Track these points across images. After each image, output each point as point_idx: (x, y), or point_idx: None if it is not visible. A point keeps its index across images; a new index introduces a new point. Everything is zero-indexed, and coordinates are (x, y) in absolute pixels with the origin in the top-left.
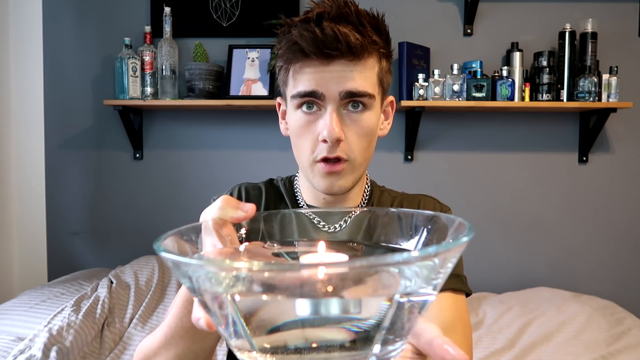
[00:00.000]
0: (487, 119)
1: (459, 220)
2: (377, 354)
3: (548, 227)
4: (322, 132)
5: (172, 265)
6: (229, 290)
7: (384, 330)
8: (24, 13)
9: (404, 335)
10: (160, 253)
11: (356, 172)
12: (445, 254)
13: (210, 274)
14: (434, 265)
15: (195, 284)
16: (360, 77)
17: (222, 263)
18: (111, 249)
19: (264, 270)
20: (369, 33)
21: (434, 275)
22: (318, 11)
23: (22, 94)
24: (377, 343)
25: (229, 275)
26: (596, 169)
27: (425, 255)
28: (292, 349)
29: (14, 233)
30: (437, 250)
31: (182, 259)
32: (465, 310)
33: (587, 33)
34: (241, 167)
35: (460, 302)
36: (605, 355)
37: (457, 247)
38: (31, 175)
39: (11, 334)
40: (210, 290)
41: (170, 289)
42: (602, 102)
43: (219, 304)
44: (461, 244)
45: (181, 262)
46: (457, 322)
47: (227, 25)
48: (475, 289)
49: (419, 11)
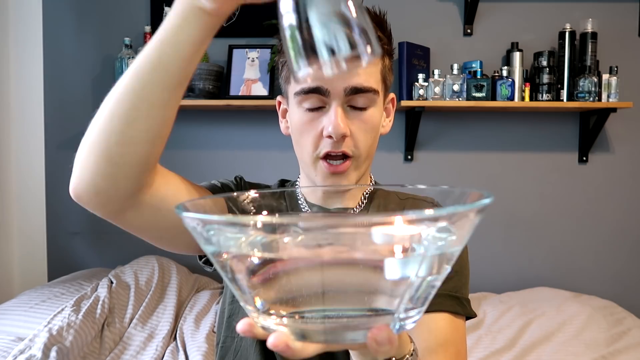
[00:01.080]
0: (487, 119)
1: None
2: (401, 317)
3: (548, 227)
4: (327, 127)
5: (195, 225)
6: (249, 252)
7: (408, 296)
8: (24, 13)
9: (420, 305)
10: (182, 214)
11: (360, 169)
12: (466, 214)
13: (231, 234)
14: (451, 229)
15: (217, 246)
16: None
17: (246, 219)
18: (111, 249)
19: (293, 222)
20: None
21: (451, 239)
22: None
23: (22, 94)
24: (401, 310)
25: (248, 238)
26: (596, 169)
27: (451, 213)
28: (315, 312)
29: (14, 233)
30: (461, 209)
31: (208, 217)
32: (460, 335)
33: (587, 33)
34: (241, 167)
35: (456, 325)
36: (605, 355)
37: (479, 208)
38: (31, 175)
39: (11, 334)
40: (232, 252)
41: (171, 289)
42: (602, 102)
43: (239, 267)
44: (484, 204)
45: (206, 220)
46: (447, 346)
47: (227, 25)
48: (475, 289)
49: (419, 11)
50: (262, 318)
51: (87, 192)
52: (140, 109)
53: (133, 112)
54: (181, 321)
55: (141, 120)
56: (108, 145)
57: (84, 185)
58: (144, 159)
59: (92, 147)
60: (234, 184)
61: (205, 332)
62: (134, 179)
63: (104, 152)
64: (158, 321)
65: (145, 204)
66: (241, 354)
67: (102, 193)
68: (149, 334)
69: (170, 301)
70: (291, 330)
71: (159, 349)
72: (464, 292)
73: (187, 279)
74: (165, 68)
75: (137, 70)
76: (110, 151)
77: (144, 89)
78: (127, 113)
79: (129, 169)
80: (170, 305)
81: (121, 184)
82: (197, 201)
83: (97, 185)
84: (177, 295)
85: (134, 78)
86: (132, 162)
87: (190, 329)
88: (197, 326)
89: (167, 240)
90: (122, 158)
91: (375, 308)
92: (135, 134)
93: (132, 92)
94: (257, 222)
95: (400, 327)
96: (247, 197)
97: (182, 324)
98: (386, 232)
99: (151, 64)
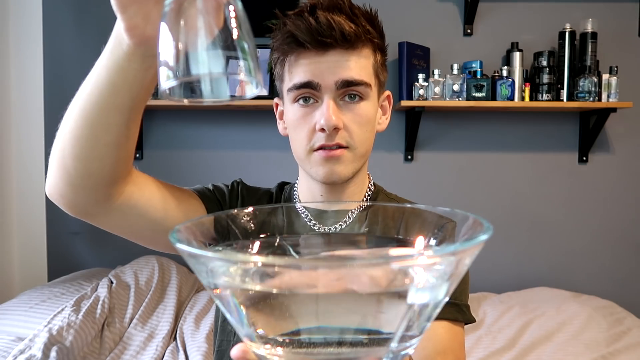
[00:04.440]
0: (487, 119)
1: (473, 217)
2: (393, 349)
3: (548, 227)
4: (319, 121)
5: (190, 258)
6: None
7: (401, 330)
8: (24, 13)
9: (418, 334)
10: (176, 244)
11: (356, 162)
12: (462, 253)
13: (223, 266)
14: (449, 263)
15: (210, 276)
16: (356, 66)
17: (235, 256)
18: (111, 249)
19: (275, 265)
20: (362, 23)
21: (449, 274)
22: (311, 3)
23: (22, 94)
24: (396, 340)
25: (240, 268)
26: (596, 169)
27: (444, 253)
28: (306, 343)
29: (14, 233)
30: (456, 249)
31: (199, 252)
32: (459, 342)
33: (587, 33)
34: (241, 167)
35: (455, 332)
36: (605, 355)
37: (475, 246)
38: (31, 175)
39: (11, 334)
40: (224, 282)
41: (170, 289)
42: (602, 102)
43: (233, 296)
44: (479, 242)
45: (198, 254)
46: (446, 354)
47: None
48: (475, 289)
49: (419, 11)
50: (256, 346)
51: (54, 194)
52: (84, 128)
53: (78, 130)
54: (181, 321)
55: (86, 139)
56: (63, 157)
57: (52, 187)
58: (98, 174)
59: (54, 154)
60: (228, 189)
61: (205, 332)
62: (94, 190)
63: (60, 163)
64: (158, 321)
65: (115, 210)
66: None
67: (66, 197)
68: (149, 334)
69: (170, 301)
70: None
71: (159, 349)
72: (464, 298)
73: (187, 279)
74: (100, 91)
75: (82, 89)
76: (66, 163)
77: (85, 108)
78: (73, 130)
79: (84, 180)
80: (170, 305)
81: (81, 193)
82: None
83: (61, 190)
84: (177, 295)
85: (79, 96)
86: (86, 175)
87: (190, 329)
88: (197, 326)
89: (147, 240)
90: (75, 170)
91: (369, 339)
92: (83, 152)
93: (78, 109)
94: (248, 260)
95: (395, 357)
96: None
97: (182, 324)
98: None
99: (90, 85)
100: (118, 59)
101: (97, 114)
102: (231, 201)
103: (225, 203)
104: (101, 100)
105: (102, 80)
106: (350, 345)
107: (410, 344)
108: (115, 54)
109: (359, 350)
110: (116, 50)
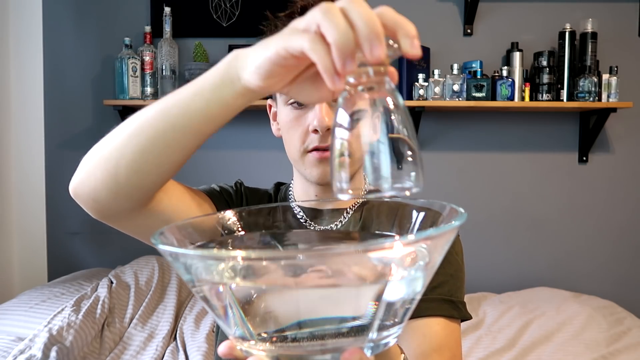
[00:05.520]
0: (487, 119)
1: (450, 206)
2: (373, 339)
3: (548, 227)
4: (312, 122)
5: (170, 258)
6: (227, 280)
7: (379, 319)
8: (24, 13)
9: (398, 323)
10: (158, 245)
11: (352, 165)
12: (437, 238)
13: (208, 264)
14: (424, 250)
15: (194, 275)
16: None
17: (218, 253)
18: (111, 249)
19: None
20: None
21: (425, 262)
22: (302, 4)
23: (22, 94)
24: (374, 329)
25: (227, 265)
26: (596, 169)
27: (418, 239)
28: (290, 337)
29: (14, 233)
30: (430, 234)
31: (182, 251)
32: (455, 339)
33: (587, 33)
34: (241, 167)
35: (451, 329)
36: (605, 355)
37: (449, 231)
38: (31, 175)
39: (11, 334)
40: (208, 280)
41: (171, 289)
42: (602, 102)
43: (217, 294)
44: (453, 228)
45: (179, 253)
46: (442, 351)
47: (227, 25)
48: (475, 289)
49: (419, 11)
50: (240, 342)
51: (86, 197)
52: (156, 145)
53: (148, 146)
54: (181, 321)
55: (154, 155)
56: (117, 166)
57: (86, 190)
58: (149, 187)
59: (102, 160)
60: (233, 189)
61: (205, 332)
62: (135, 200)
63: (111, 171)
64: (158, 321)
65: (142, 215)
66: None
67: (102, 202)
68: (149, 334)
69: (170, 301)
70: (267, 354)
71: (159, 349)
72: (459, 295)
73: None
74: (190, 117)
75: (164, 109)
76: (118, 173)
77: (165, 128)
78: (142, 144)
79: (132, 191)
80: (170, 305)
81: (122, 201)
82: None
83: (98, 195)
84: (177, 295)
85: (159, 114)
86: (137, 187)
87: (190, 329)
88: (197, 326)
89: None
90: (127, 181)
91: (348, 329)
92: (144, 167)
93: (153, 127)
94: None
95: (376, 346)
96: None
97: (182, 324)
98: (363, 259)
99: (179, 108)
100: (225, 95)
101: (178, 136)
102: (237, 202)
103: (233, 203)
104: (189, 126)
105: (197, 110)
106: (331, 337)
107: (389, 333)
108: (223, 91)
109: (340, 341)
110: (225, 88)
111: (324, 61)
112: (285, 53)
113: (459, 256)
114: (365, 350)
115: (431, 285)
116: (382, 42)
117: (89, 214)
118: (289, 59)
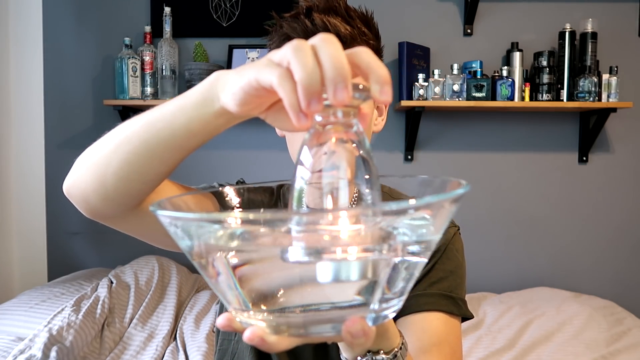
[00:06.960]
0: (487, 119)
1: (454, 180)
2: (375, 309)
3: (548, 227)
4: None
5: (168, 224)
6: (226, 246)
7: (380, 289)
8: (24, 13)
9: (398, 295)
10: (156, 212)
11: None
12: (438, 205)
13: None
14: (427, 222)
15: (194, 239)
16: None
17: (217, 215)
18: (111, 249)
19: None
20: (357, 25)
21: (426, 231)
22: (307, 5)
23: (22, 94)
24: (375, 300)
25: (225, 231)
26: (596, 168)
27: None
28: (290, 307)
29: (14, 233)
30: (431, 200)
31: (181, 214)
32: (455, 335)
33: (587, 33)
34: (241, 167)
35: (451, 325)
36: (605, 355)
37: (451, 198)
38: (31, 175)
39: (11, 334)
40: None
41: (170, 289)
42: (602, 102)
43: (214, 262)
44: (455, 195)
45: (179, 217)
46: (442, 346)
47: (227, 25)
48: (475, 289)
49: (419, 11)
50: (239, 313)
51: (78, 198)
52: (141, 155)
53: (134, 155)
54: (181, 321)
55: (139, 165)
56: (105, 173)
57: (77, 192)
58: (135, 194)
59: (92, 165)
60: None
61: (205, 332)
62: (123, 204)
63: (99, 177)
64: (158, 321)
65: (134, 215)
66: (238, 356)
67: (92, 204)
68: (149, 334)
69: (170, 301)
70: (267, 325)
71: (159, 349)
72: (459, 292)
73: (187, 279)
74: (173, 131)
75: (150, 122)
76: (106, 179)
77: (149, 140)
78: (128, 154)
79: (119, 197)
80: (170, 305)
81: (111, 204)
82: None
83: (88, 197)
84: (177, 295)
85: (145, 126)
86: (124, 194)
87: (190, 329)
88: (197, 326)
89: (159, 241)
90: (114, 187)
91: (351, 299)
92: (130, 175)
93: (139, 137)
94: (231, 218)
95: (377, 317)
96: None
97: (182, 324)
98: (361, 224)
99: (164, 122)
100: (205, 113)
101: (161, 149)
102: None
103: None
104: (171, 140)
105: (179, 125)
106: (333, 307)
107: (389, 305)
108: (204, 109)
109: (342, 312)
110: (206, 106)
111: (289, 98)
112: (256, 84)
113: (460, 254)
114: (367, 320)
115: (431, 280)
116: (348, 85)
117: (82, 213)
118: (260, 90)
